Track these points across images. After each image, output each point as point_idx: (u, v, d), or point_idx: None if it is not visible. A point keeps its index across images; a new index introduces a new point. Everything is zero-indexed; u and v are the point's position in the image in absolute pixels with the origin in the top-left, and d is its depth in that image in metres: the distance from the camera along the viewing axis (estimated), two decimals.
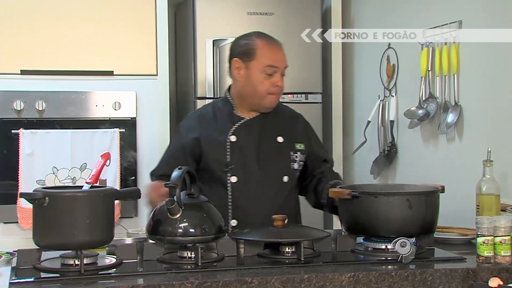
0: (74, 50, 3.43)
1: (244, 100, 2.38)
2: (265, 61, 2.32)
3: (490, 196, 2.20)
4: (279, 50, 2.38)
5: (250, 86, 2.34)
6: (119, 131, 3.42)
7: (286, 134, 2.41)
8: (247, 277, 1.67)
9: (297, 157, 2.39)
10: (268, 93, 2.33)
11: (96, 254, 1.81)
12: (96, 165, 1.89)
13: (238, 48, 2.38)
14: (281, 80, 2.35)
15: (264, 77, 2.32)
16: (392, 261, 1.88)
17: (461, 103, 2.75)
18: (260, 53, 2.33)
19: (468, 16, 2.71)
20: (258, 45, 2.34)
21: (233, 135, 2.35)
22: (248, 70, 2.33)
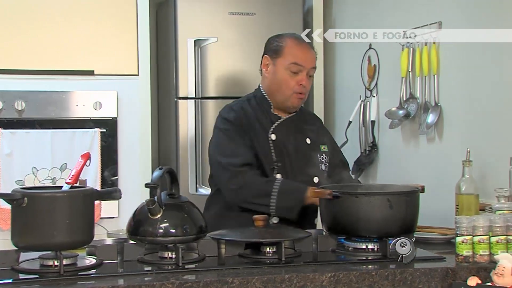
0: (55, 49, 3.41)
1: (272, 97, 2.43)
2: (290, 59, 2.36)
3: (469, 196, 2.22)
4: (308, 50, 2.41)
5: (275, 84, 2.40)
6: (100, 131, 3.40)
7: (312, 136, 2.46)
8: (228, 277, 1.67)
9: (323, 158, 2.44)
10: (293, 92, 2.37)
11: (76, 255, 1.79)
12: (76, 166, 1.87)
13: (269, 46, 2.45)
14: (306, 79, 2.37)
15: (289, 75, 2.36)
16: (372, 261, 1.89)
17: (441, 104, 2.77)
18: (287, 51, 2.38)
19: (448, 17, 2.73)
20: (287, 43, 2.40)
21: (273, 134, 2.39)
22: (275, 67, 2.39)
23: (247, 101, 2.48)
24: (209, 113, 3.45)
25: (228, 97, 3.46)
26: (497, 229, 1.85)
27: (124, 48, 3.50)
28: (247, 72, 3.52)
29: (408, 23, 2.96)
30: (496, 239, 1.84)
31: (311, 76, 2.41)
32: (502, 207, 1.97)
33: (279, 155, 2.37)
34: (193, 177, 3.41)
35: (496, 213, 1.95)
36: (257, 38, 3.52)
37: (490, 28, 2.46)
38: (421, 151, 2.95)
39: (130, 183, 3.41)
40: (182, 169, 3.43)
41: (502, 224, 1.85)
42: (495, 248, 1.84)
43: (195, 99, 3.44)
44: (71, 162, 3.30)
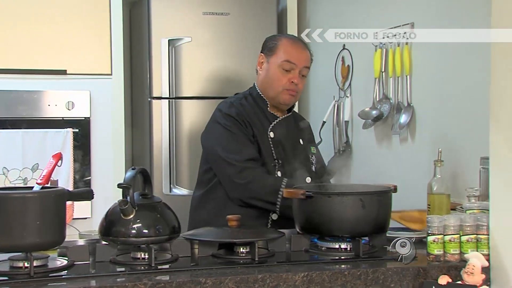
0: (26, 48, 3.37)
1: (264, 94, 2.46)
2: (283, 56, 2.40)
3: (440, 195, 2.24)
4: (302, 49, 2.45)
5: (267, 80, 2.43)
6: (73, 131, 3.37)
7: (304, 137, 2.51)
8: (201, 277, 1.66)
9: (313, 160, 2.48)
10: (283, 89, 2.40)
11: (47, 256, 1.78)
12: (47, 166, 1.85)
13: (265, 44, 2.49)
14: (298, 78, 2.41)
15: (281, 72, 2.40)
16: (345, 260, 1.90)
17: (414, 104, 2.80)
18: (281, 48, 2.42)
19: (420, 18, 2.76)
20: (282, 41, 2.44)
21: (271, 131, 2.42)
22: (268, 65, 2.43)
23: (244, 98, 2.50)
24: (183, 113, 3.44)
25: (202, 97, 3.46)
26: (468, 228, 1.87)
27: (97, 47, 3.47)
28: (221, 72, 3.52)
29: (381, 24, 2.98)
30: (466, 238, 1.86)
31: (304, 76, 2.44)
32: (473, 207, 1.99)
33: (278, 153, 2.41)
34: (167, 177, 3.40)
35: (466, 213, 1.97)
36: (231, 38, 3.53)
37: (462, 28, 2.49)
38: (394, 151, 2.97)
39: (103, 184, 3.38)
40: (156, 169, 3.41)
41: (472, 223, 1.87)
42: (466, 247, 1.86)
43: (169, 99, 3.42)
44: (43, 163, 3.27)
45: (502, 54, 1.81)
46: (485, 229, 1.86)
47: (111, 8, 3.49)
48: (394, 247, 1.85)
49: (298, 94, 2.47)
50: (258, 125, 2.43)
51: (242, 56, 3.55)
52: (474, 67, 2.44)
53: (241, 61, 3.55)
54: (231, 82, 3.53)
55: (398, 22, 2.87)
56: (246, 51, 3.55)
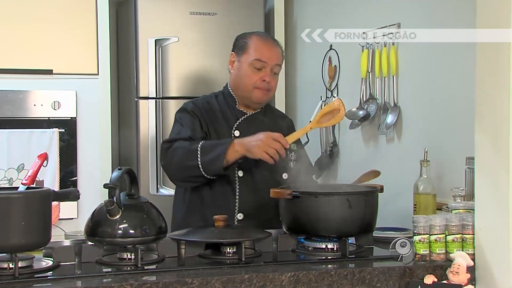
0: (12, 48, 3.34)
1: (235, 93, 2.44)
2: (254, 55, 2.38)
3: (426, 195, 2.25)
4: (272, 47, 2.42)
5: (238, 79, 2.42)
6: (59, 131, 3.35)
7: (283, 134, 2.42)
8: (187, 278, 1.66)
9: (292, 156, 2.44)
10: (254, 87, 2.38)
11: (32, 257, 1.76)
12: (32, 166, 1.84)
13: (236, 43, 2.48)
14: (269, 75, 2.38)
15: (252, 71, 2.38)
16: (332, 260, 1.91)
17: (400, 104, 2.81)
18: (251, 47, 2.40)
19: (407, 18, 2.77)
20: (252, 40, 2.42)
21: (236, 130, 2.40)
22: (239, 63, 2.42)
23: (215, 97, 2.50)
24: (170, 113, 3.43)
25: (189, 97, 3.44)
26: (453, 228, 1.88)
27: (83, 47, 3.45)
28: (208, 72, 3.51)
29: (368, 25, 2.99)
30: (452, 238, 1.87)
31: (276, 73, 2.42)
32: (458, 206, 2.00)
33: None
34: (154, 177, 3.39)
35: (452, 212, 1.98)
36: (218, 38, 3.53)
37: (448, 28, 2.50)
38: (380, 151, 2.98)
39: (89, 184, 3.37)
40: (142, 169, 3.40)
41: (458, 223, 1.88)
42: (451, 246, 1.87)
43: (155, 99, 3.41)
44: (29, 163, 3.23)
45: (487, 54, 1.82)
46: (470, 229, 1.87)
47: (98, 8, 3.47)
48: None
49: (271, 92, 2.44)
50: (224, 123, 2.41)
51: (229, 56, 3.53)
52: (460, 68, 2.45)
53: (228, 61, 3.53)
54: (217, 82, 3.51)
55: (384, 23, 2.88)
56: None
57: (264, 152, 2.17)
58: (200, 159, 2.22)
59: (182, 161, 2.27)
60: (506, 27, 1.74)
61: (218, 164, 2.20)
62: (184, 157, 2.26)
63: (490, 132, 1.80)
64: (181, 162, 2.27)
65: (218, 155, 2.20)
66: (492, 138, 1.80)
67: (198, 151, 2.23)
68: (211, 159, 2.20)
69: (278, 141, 2.18)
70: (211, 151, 2.22)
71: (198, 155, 2.22)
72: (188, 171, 2.26)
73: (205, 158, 2.21)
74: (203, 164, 2.22)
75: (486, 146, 1.82)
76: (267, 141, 2.17)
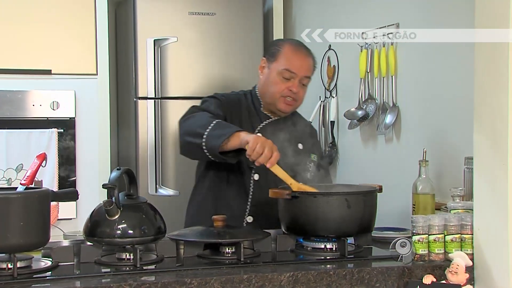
0: (11, 48, 3.34)
1: (262, 98, 2.43)
2: (284, 65, 2.36)
3: (425, 195, 2.25)
4: (304, 58, 2.40)
5: (266, 86, 2.41)
6: (57, 131, 3.35)
7: (305, 143, 2.46)
8: (186, 278, 1.66)
9: (310, 167, 2.41)
10: (281, 96, 2.37)
11: (31, 257, 1.76)
12: (31, 166, 1.84)
13: (269, 48, 2.46)
14: (297, 86, 2.36)
15: (280, 80, 2.36)
16: (331, 260, 1.91)
17: (399, 104, 2.81)
18: (283, 56, 2.38)
19: (406, 18, 2.77)
20: (284, 48, 2.39)
21: (259, 133, 2.38)
22: (269, 70, 2.40)
23: (244, 95, 2.49)
24: (169, 113, 3.43)
25: (188, 97, 3.45)
26: (452, 228, 1.88)
27: (82, 47, 3.45)
28: (207, 72, 3.51)
29: (367, 25, 2.99)
30: (450, 238, 1.87)
31: (304, 85, 2.40)
32: (457, 206, 2.00)
33: None
34: (153, 177, 3.39)
35: (451, 212, 1.98)
36: (217, 38, 3.53)
37: (447, 28, 2.50)
38: (379, 151, 2.98)
39: (88, 184, 3.37)
40: (141, 169, 3.40)
41: (457, 223, 1.88)
42: (450, 246, 1.87)
43: (154, 99, 3.41)
44: (27, 163, 3.24)
45: (485, 54, 1.82)
46: (469, 229, 1.87)
47: (96, 8, 3.47)
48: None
49: (298, 102, 2.43)
50: (247, 123, 2.41)
51: (228, 56, 3.54)
52: (459, 68, 2.45)
53: (227, 61, 3.54)
54: (217, 82, 3.53)
55: (383, 23, 2.88)
56: (232, 51, 3.55)
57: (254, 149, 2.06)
58: (208, 131, 2.18)
59: (194, 125, 2.24)
60: (505, 27, 1.74)
61: (217, 142, 2.14)
62: (198, 123, 2.23)
63: (489, 132, 1.80)
64: (193, 125, 2.24)
65: (223, 134, 2.15)
66: (490, 138, 1.80)
67: (212, 124, 2.19)
68: (216, 135, 2.16)
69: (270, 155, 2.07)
70: (221, 129, 2.18)
71: (209, 127, 2.18)
72: (193, 137, 2.22)
73: (212, 132, 2.17)
74: (207, 136, 2.17)
75: (485, 146, 1.82)
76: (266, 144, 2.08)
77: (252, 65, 3.60)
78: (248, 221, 2.36)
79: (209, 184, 2.43)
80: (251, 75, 3.58)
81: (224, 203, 2.37)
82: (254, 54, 3.59)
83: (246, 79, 3.57)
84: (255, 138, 2.07)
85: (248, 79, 3.58)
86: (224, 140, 2.13)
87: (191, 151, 2.30)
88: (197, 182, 2.51)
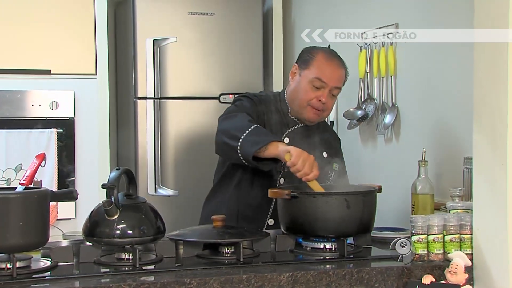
0: (10, 48, 3.34)
1: (290, 104, 2.41)
2: (315, 73, 2.33)
3: (424, 195, 2.26)
4: (336, 68, 2.36)
5: (295, 92, 2.38)
6: (57, 131, 3.35)
7: (330, 152, 2.43)
8: (185, 278, 1.66)
9: (331, 176, 2.40)
10: (309, 105, 2.34)
11: (30, 257, 1.76)
12: (30, 166, 1.84)
13: (302, 55, 2.43)
14: (326, 96, 2.33)
15: (310, 88, 2.33)
16: (330, 260, 1.91)
17: (398, 104, 2.81)
18: (315, 64, 2.34)
19: (405, 18, 2.77)
20: (317, 57, 2.36)
21: (286, 137, 2.37)
22: (300, 77, 2.37)
23: (273, 97, 2.47)
24: (168, 113, 3.43)
25: (188, 97, 3.46)
26: (451, 228, 1.88)
27: (81, 47, 3.45)
28: (206, 72, 3.51)
29: (366, 25, 2.99)
30: (450, 238, 1.87)
31: (334, 95, 2.37)
32: (456, 206, 2.00)
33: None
34: (152, 177, 3.39)
35: (450, 212, 1.98)
36: (216, 38, 3.53)
37: (446, 28, 2.50)
38: (378, 152, 2.98)
39: (88, 184, 3.37)
40: (141, 169, 3.40)
41: (456, 223, 1.88)
42: (449, 246, 1.87)
43: (154, 99, 3.41)
44: (27, 163, 3.24)
45: (485, 54, 1.82)
46: (468, 229, 1.87)
47: (96, 8, 3.47)
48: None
49: (325, 113, 2.40)
50: (275, 125, 2.39)
51: (227, 56, 3.55)
52: (458, 68, 2.45)
53: (226, 61, 3.54)
54: (216, 82, 3.53)
55: (382, 23, 2.88)
56: (231, 51, 3.55)
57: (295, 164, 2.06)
58: (245, 136, 2.16)
59: (233, 126, 2.23)
60: (504, 27, 1.74)
61: (253, 148, 2.13)
62: (237, 125, 2.22)
63: (488, 132, 1.80)
64: (231, 126, 2.23)
65: (260, 141, 2.14)
66: (490, 138, 1.80)
67: (249, 129, 2.17)
68: (252, 141, 2.14)
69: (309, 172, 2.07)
70: (258, 135, 2.17)
71: (247, 132, 2.17)
72: (229, 138, 2.21)
73: (249, 137, 2.16)
74: (243, 140, 2.16)
75: (484, 146, 1.82)
76: (307, 160, 2.07)
77: (252, 65, 3.61)
78: (270, 224, 2.35)
79: (235, 184, 2.41)
80: (250, 75, 3.61)
81: (247, 205, 2.36)
82: (254, 54, 3.60)
83: (245, 79, 3.59)
84: (298, 153, 2.07)
85: (247, 79, 3.59)
86: (262, 148, 2.12)
87: (225, 152, 2.29)
88: (219, 181, 2.48)
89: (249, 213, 2.30)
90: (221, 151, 2.33)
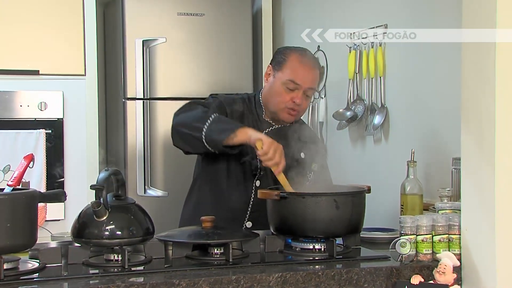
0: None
1: (265, 106, 2.41)
2: (289, 75, 2.32)
3: (413, 196, 2.26)
4: (309, 69, 2.35)
5: (270, 95, 2.37)
6: (45, 132, 3.33)
7: (308, 152, 2.41)
8: (174, 279, 1.66)
9: (310, 176, 2.39)
10: (285, 107, 2.34)
11: (18, 259, 1.75)
12: (18, 167, 1.83)
13: (276, 56, 2.42)
14: (301, 98, 2.32)
15: (284, 90, 2.33)
16: (319, 261, 1.91)
17: (387, 105, 2.82)
18: (288, 66, 2.33)
19: (394, 19, 2.78)
20: (290, 58, 2.35)
21: None
22: (274, 79, 2.36)
23: (247, 99, 2.45)
24: (158, 114, 3.43)
25: (177, 98, 3.45)
26: (440, 228, 1.89)
27: (70, 47, 3.43)
28: (196, 73, 3.51)
29: (355, 25, 3.00)
30: (438, 238, 1.88)
31: (308, 96, 2.37)
32: (445, 207, 2.01)
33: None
34: (141, 178, 3.38)
35: (438, 213, 1.99)
36: (205, 38, 3.53)
37: (435, 28, 2.51)
38: (367, 152, 2.99)
39: (76, 185, 3.35)
40: (130, 170, 3.39)
41: (444, 223, 1.89)
42: (438, 247, 1.88)
43: (143, 100, 3.40)
44: (15, 164, 3.20)
45: (473, 54, 1.83)
46: (456, 229, 1.88)
47: (85, 8, 3.45)
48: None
49: (300, 113, 2.41)
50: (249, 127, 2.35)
51: (217, 57, 3.54)
52: (447, 68, 2.46)
53: (216, 61, 3.54)
54: (206, 83, 3.52)
55: (372, 24, 2.89)
56: (220, 52, 3.55)
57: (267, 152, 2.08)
58: (209, 125, 2.17)
59: (192, 117, 2.23)
60: (492, 27, 1.75)
61: (220, 136, 2.13)
62: (196, 116, 2.22)
63: (476, 133, 1.81)
64: (190, 118, 2.24)
65: (227, 128, 2.14)
66: (478, 139, 1.81)
67: (211, 117, 2.18)
68: (219, 129, 2.15)
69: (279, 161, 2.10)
70: (224, 123, 2.18)
71: (209, 120, 2.17)
72: (190, 129, 2.21)
73: (213, 126, 2.16)
74: (208, 130, 2.16)
75: (472, 147, 1.83)
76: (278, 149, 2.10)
77: (241, 66, 3.61)
78: (247, 226, 2.35)
79: (209, 187, 2.40)
80: (240, 76, 3.61)
81: (225, 207, 2.35)
82: (243, 55, 3.60)
83: (235, 80, 3.59)
84: (270, 142, 2.09)
85: (236, 80, 3.59)
86: (230, 135, 2.12)
87: (186, 142, 2.27)
88: (195, 184, 2.48)
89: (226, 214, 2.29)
90: (183, 141, 2.29)
